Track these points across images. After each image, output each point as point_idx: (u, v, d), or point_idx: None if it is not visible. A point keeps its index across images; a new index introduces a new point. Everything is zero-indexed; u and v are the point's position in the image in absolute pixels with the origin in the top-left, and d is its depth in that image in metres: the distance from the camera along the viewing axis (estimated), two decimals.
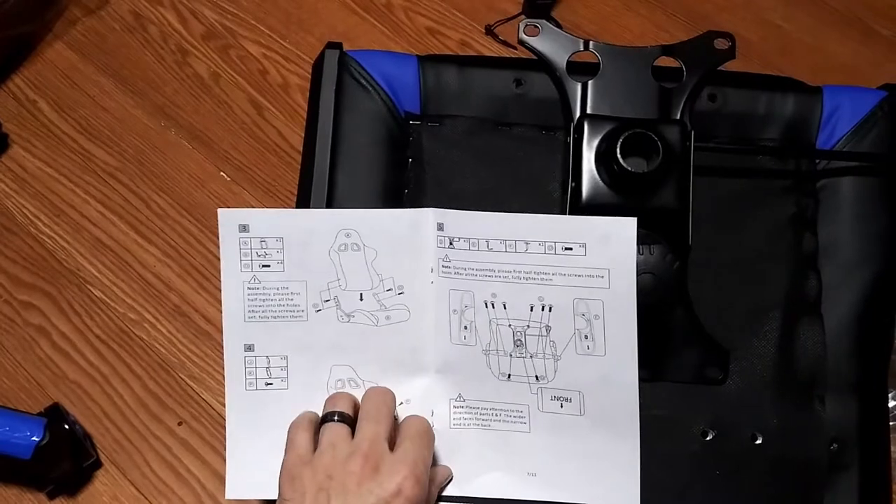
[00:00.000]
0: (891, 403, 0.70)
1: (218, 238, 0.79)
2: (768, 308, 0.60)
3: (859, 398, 0.59)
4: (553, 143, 0.61)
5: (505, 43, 0.88)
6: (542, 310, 0.53)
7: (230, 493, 0.55)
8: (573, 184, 0.58)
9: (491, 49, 0.89)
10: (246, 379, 0.55)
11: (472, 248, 0.54)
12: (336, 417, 0.51)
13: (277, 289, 0.54)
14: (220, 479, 0.69)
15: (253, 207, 0.81)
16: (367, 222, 0.55)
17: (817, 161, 0.62)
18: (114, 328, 0.76)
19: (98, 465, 0.71)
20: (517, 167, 0.61)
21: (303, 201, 0.61)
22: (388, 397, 0.53)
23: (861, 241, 0.61)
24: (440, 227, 0.54)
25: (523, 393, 0.54)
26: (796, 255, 0.60)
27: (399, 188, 0.61)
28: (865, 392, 0.60)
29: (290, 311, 0.55)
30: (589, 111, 0.60)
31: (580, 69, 0.60)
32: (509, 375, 0.54)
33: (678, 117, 0.60)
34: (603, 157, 0.57)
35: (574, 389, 0.53)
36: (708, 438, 0.58)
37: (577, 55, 0.61)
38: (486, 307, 0.54)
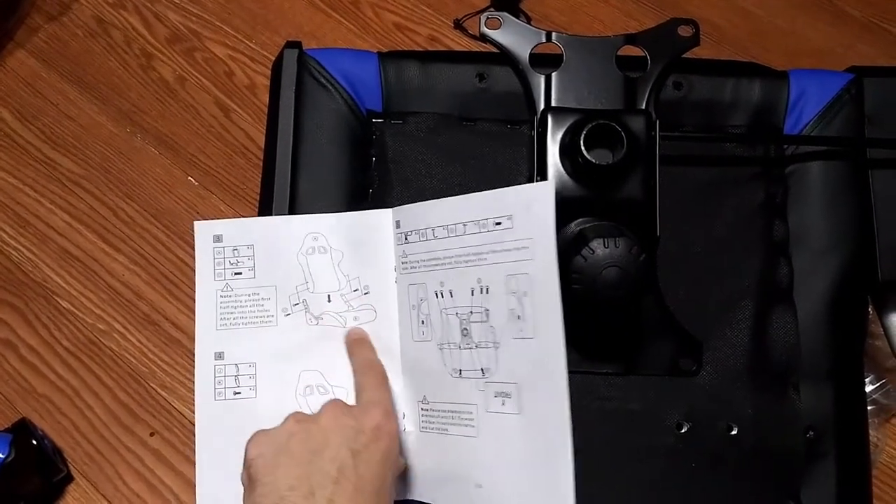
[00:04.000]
0: (868, 388, 0.69)
1: (189, 245, 0.78)
2: (740, 297, 0.59)
3: (835, 385, 0.59)
4: (518, 137, 0.60)
5: (474, 37, 0.87)
6: (481, 292, 0.52)
7: None
8: (538, 178, 0.57)
9: (460, 43, 0.88)
10: (215, 389, 0.55)
11: (422, 238, 0.54)
12: None
13: (249, 295, 0.55)
14: (195, 489, 0.68)
15: (222, 211, 0.80)
16: (333, 225, 0.55)
17: (785, 146, 0.61)
18: (83, 339, 0.75)
19: (69, 479, 0.70)
20: (483, 162, 0.60)
21: (265, 204, 0.60)
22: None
23: (831, 225, 0.60)
24: (398, 224, 0.54)
25: (472, 391, 0.53)
26: (767, 242, 0.60)
27: (364, 188, 0.60)
28: (841, 378, 0.59)
29: (261, 317, 0.55)
30: (553, 104, 0.59)
31: (543, 61, 0.60)
32: (460, 371, 0.53)
33: (643, 107, 0.59)
34: (567, 150, 0.56)
35: (512, 382, 0.52)
36: (683, 431, 0.57)
37: (539, 47, 0.60)
38: (437, 297, 0.53)
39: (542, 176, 0.56)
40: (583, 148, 0.54)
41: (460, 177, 0.60)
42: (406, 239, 0.54)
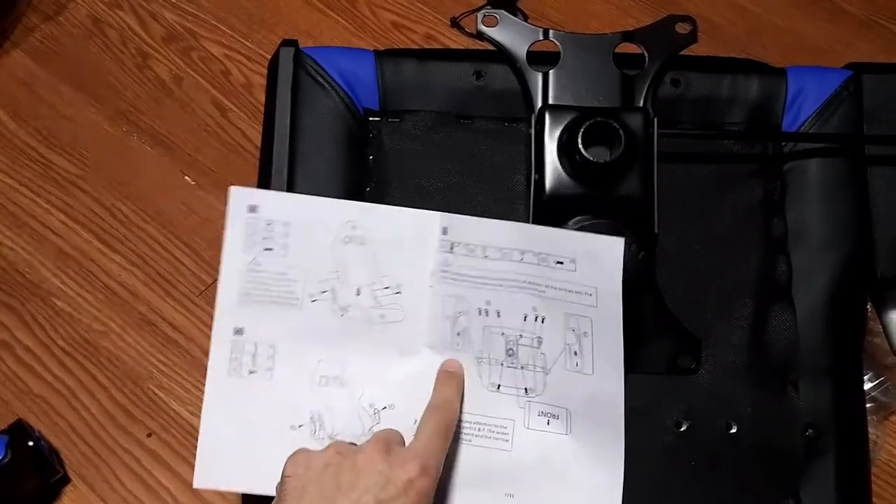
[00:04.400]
0: (867, 386, 0.69)
1: (186, 245, 0.78)
2: (739, 294, 0.59)
3: (833, 382, 0.58)
4: (516, 135, 0.60)
5: (471, 35, 0.87)
6: (536, 320, 0.52)
7: (198, 482, 0.53)
8: (536, 176, 0.57)
9: (457, 42, 0.88)
10: (230, 364, 0.53)
11: (470, 254, 0.53)
12: None
13: (277, 273, 0.53)
14: (192, 491, 0.68)
15: (220, 211, 0.80)
16: (375, 217, 0.54)
17: (783, 143, 0.61)
18: (79, 340, 0.75)
19: (66, 480, 0.69)
20: (480, 161, 0.60)
21: None
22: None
23: (830, 222, 0.60)
24: (444, 231, 0.53)
25: (511, 406, 0.53)
26: (765, 239, 0.59)
27: (361, 186, 0.60)
28: (840, 376, 0.59)
29: (286, 299, 0.53)
30: (550, 101, 0.58)
31: (540, 59, 0.59)
32: (499, 386, 0.53)
33: (641, 104, 0.59)
34: (565, 148, 0.56)
35: (562, 406, 0.52)
36: (682, 429, 0.57)
37: (537, 44, 0.60)
38: (480, 314, 0.53)
39: (540, 174, 0.56)
40: (580, 146, 0.54)
41: (458, 175, 0.60)
42: (452, 249, 0.53)
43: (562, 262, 0.51)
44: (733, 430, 0.57)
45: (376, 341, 0.54)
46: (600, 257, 0.51)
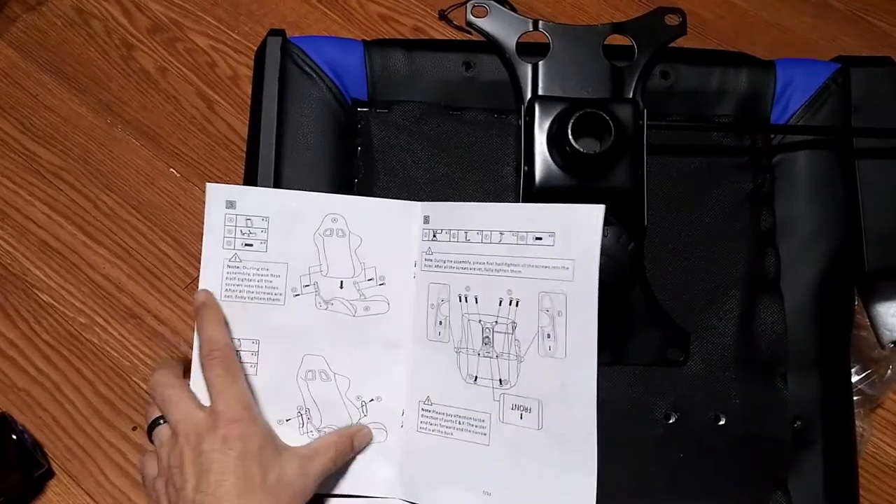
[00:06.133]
0: (853, 379, 0.69)
1: (171, 238, 0.77)
2: (728, 287, 0.59)
3: (821, 374, 0.59)
4: (505, 126, 0.60)
5: (459, 27, 0.87)
6: (510, 304, 0.52)
7: None
8: (526, 167, 0.56)
9: (445, 34, 0.87)
10: None
11: (452, 239, 0.53)
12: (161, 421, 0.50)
13: (258, 269, 0.53)
14: None
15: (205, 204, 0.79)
16: (356, 209, 0.54)
17: (772, 136, 0.61)
18: (63, 333, 0.74)
19: (50, 474, 0.69)
20: (469, 152, 0.59)
21: None
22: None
23: (818, 215, 0.60)
24: (426, 219, 0.53)
25: (486, 399, 0.53)
26: (754, 231, 0.60)
27: (349, 177, 0.59)
28: (827, 368, 0.59)
29: (268, 294, 0.53)
30: (540, 92, 0.58)
31: (530, 50, 0.59)
32: (476, 378, 0.53)
33: (631, 96, 0.59)
34: (555, 139, 0.55)
35: (534, 398, 0.52)
36: (670, 421, 0.57)
37: (526, 36, 0.59)
38: (460, 301, 0.53)
39: (529, 165, 0.56)
40: (570, 137, 0.53)
41: (446, 166, 0.59)
42: (434, 236, 0.53)
43: (540, 238, 0.51)
44: (722, 422, 0.57)
45: (361, 333, 0.54)
46: (579, 227, 0.50)
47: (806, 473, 0.57)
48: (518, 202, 0.57)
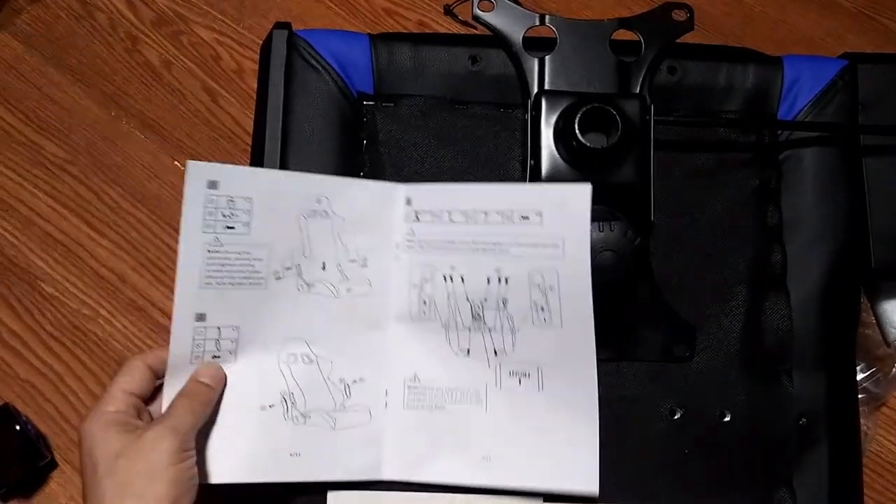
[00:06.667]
0: (858, 377, 0.69)
1: (176, 230, 0.77)
2: (734, 283, 0.59)
3: (827, 372, 0.59)
4: (511, 120, 0.59)
5: (464, 23, 0.86)
6: (499, 282, 0.52)
7: None
8: (532, 161, 0.56)
9: (450, 29, 0.87)
10: (193, 352, 0.51)
11: (435, 220, 0.53)
12: None
13: (239, 253, 0.51)
14: None
15: None
16: (340, 190, 0.53)
17: (779, 132, 0.61)
18: (67, 325, 0.74)
19: (53, 465, 0.68)
20: (475, 146, 0.59)
21: None
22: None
23: (825, 212, 0.60)
24: (408, 201, 0.53)
25: (481, 369, 0.53)
26: (760, 228, 0.59)
27: (354, 171, 0.59)
28: (833, 366, 0.59)
29: (250, 278, 0.52)
30: (546, 87, 0.58)
31: (537, 44, 0.59)
32: (468, 350, 0.53)
33: (637, 91, 0.58)
34: (561, 134, 0.55)
35: (532, 363, 0.52)
36: (676, 417, 0.57)
37: (533, 30, 0.59)
38: (445, 281, 0.53)
39: (536, 159, 0.56)
40: (577, 131, 0.53)
41: (452, 160, 0.59)
42: (417, 217, 0.53)
43: (527, 217, 0.51)
44: (727, 419, 0.57)
45: (344, 315, 0.53)
46: (567, 206, 0.50)
47: (811, 471, 0.57)
48: None
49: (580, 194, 0.50)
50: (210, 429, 0.51)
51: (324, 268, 0.53)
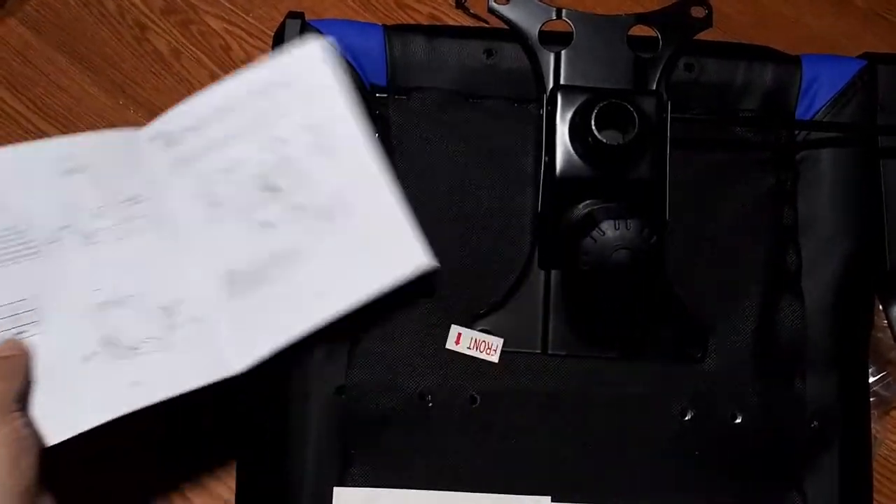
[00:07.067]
0: (871, 380, 0.69)
1: None
2: (747, 283, 0.58)
3: (840, 375, 0.58)
4: (526, 115, 0.59)
5: (476, 17, 0.86)
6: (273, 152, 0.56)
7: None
8: (547, 158, 0.56)
9: (462, 23, 0.86)
10: None
11: (189, 131, 0.56)
12: None
13: (4, 232, 0.53)
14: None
15: None
16: (86, 144, 0.55)
17: (796, 132, 0.60)
18: None
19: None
20: (489, 141, 0.59)
21: None
22: None
23: (841, 213, 0.59)
24: (159, 134, 0.57)
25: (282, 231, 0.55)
26: (776, 228, 0.59)
27: None
28: (846, 368, 0.58)
29: (25, 252, 0.53)
30: (562, 82, 0.57)
31: (553, 39, 0.58)
32: (269, 221, 0.55)
33: (654, 88, 0.58)
34: (577, 130, 0.55)
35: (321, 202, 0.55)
36: (686, 418, 0.56)
37: (549, 24, 0.59)
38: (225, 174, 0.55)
39: (550, 156, 0.55)
40: (594, 128, 0.53)
41: (465, 155, 0.59)
42: (174, 141, 0.56)
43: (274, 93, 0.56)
44: (738, 420, 0.56)
45: (137, 251, 0.54)
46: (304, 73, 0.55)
47: (822, 474, 0.56)
48: (538, 193, 0.56)
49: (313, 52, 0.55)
50: (41, 395, 0.51)
51: (100, 216, 0.54)
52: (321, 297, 0.53)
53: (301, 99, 0.55)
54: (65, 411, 0.51)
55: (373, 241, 0.54)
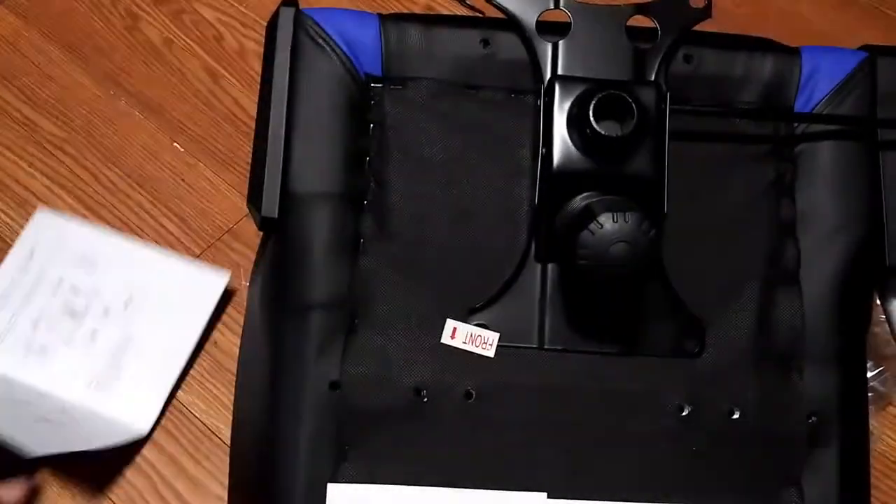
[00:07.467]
0: (868, 375, 0.68)
1: (174, 213, 0.76)
2: (746, 277, 0.58)
3: (838, 370, 0.57)
4: (522, 106, 0.58)
5: (472, 7, 0.85)
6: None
7: None
8: (544, 149, 0.55)
9: (457, 13, 0.85)
10: None
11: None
12: None
13: None
14: (176, 465, 0.66)
15: (208, 179, 0.78)
16: None
17: (796, 125, 0.59)
18: None
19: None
20: (486, 132, 0.58)
21: (257, 170, 0.57)
22: None
23: (840, 207, 0.59)
24: None
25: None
26: (774, 222, 0.58)
27: (360, 155, 0.58)
28: (844, 364, 0.58)
29: None
30: (560, 72, 0.57)
31: (550, 28, 0.58)
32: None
33: (652, 79, 0.57)
34: (575, 121, 0.54)
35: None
36: (684, 413, 0.56)
37: (547, 14, 0.58)
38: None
39: (548, 147, 0.55)
40: (592, 119, 0.52)
41: (461, 146, 0.58)
42: None
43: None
44: (736, 416, 0.56)
45: None
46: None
47: (820, 470, 0.56)
48: (535, 185, 0.56)
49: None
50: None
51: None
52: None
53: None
54: None
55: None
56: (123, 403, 0.66)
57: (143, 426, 0.65)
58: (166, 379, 0.67)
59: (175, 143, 0.79)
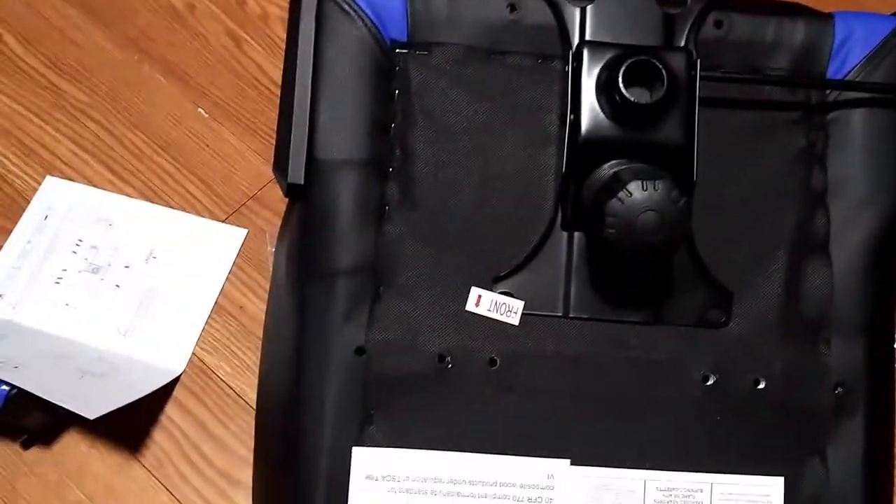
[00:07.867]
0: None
1: (199, 178, 0.76)
2: (774, 247, 0.57)
3: (866, 341, 0.57)
4: (550, 72, 0.57)
5: None
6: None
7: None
8: (572, 116, 0.54)
9: None
10: None
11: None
12: None
13: None
14: (198, 423, 0.67)
15: (232, 145, 0.78)
16: None
17: (828, 92, 0.58)
18: None
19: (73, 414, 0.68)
20: (512, 99, 0.57)
21: (283, 137, 0.57)
22: None
23: (872, 176, 0.58)
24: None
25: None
26: (804, 191, 0.57)
27: (385, 122, 0.57)
28: (872, 335, 0.57)
29: None
30: (588, 38, 0.56)
31: None
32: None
33: (682, 45, 0.56)
34: (604, 87, 0.53)
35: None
36: (709, 383, 0.56)
37: None
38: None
39: (576, 114, 0.54)
40: (621, 85, 0.51)
41: (487, 113, 0.57)
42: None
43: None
44: (761, 386, 0.56)
45: None
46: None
47: (846, 441, 0.56)
48: (562, 153, 0.55)
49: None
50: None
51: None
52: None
53: None
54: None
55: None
56: (155, 346, 0.69)
57: (177, 366, 0.69)
58: (193, 323, 0.70)
59: (199, 108, 0.79)
